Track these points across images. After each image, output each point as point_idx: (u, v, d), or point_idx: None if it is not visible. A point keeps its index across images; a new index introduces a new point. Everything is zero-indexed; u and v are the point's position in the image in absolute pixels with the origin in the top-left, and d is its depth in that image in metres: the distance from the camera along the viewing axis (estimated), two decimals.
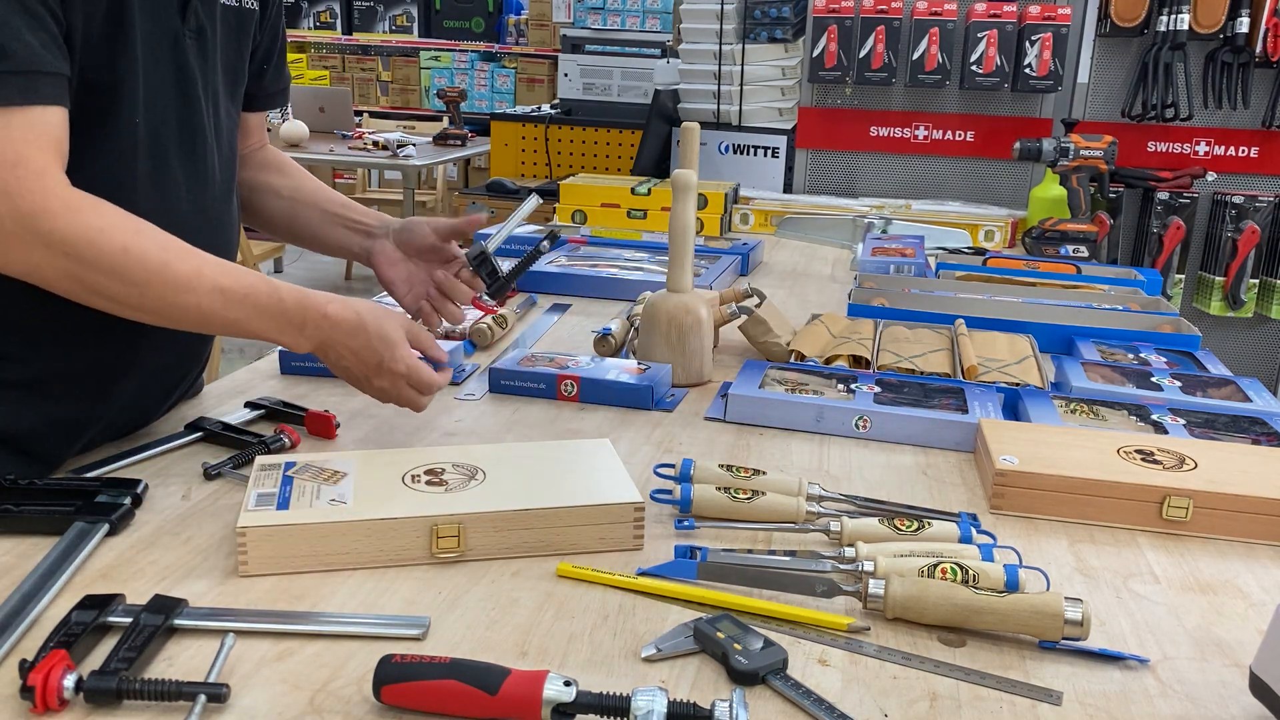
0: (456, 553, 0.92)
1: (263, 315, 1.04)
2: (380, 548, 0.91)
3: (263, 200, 1.40)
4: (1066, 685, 0.79)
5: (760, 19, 3.07)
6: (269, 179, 1.40)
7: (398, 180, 5.88)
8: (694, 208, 1.39)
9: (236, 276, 1.03)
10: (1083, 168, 2.44)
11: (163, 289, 0.98)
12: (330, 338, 1.08)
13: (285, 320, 1.05)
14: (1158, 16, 2.73)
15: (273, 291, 1.05)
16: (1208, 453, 1.14)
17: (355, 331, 1.08)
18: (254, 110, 1.36)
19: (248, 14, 1.23)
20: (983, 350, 1.52)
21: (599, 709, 0.70)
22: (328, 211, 1.39)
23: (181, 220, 1.14)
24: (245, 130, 1.36)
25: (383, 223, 1.38)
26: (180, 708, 0.71)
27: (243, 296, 1.03)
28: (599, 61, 5.30)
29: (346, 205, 1.40)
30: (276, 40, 1.33)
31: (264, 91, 1.35)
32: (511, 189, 4.60)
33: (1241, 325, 2.97)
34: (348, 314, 1.08)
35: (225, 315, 1.02)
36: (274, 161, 1.42)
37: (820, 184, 3.07)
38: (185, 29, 1.11)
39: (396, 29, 7.64)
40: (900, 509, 1.06)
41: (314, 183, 1.42)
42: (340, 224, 1.38)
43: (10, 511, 0.95)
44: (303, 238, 1.41)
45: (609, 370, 1.37)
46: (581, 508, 0.95)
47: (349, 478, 0.98)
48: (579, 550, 0.95)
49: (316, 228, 1.39)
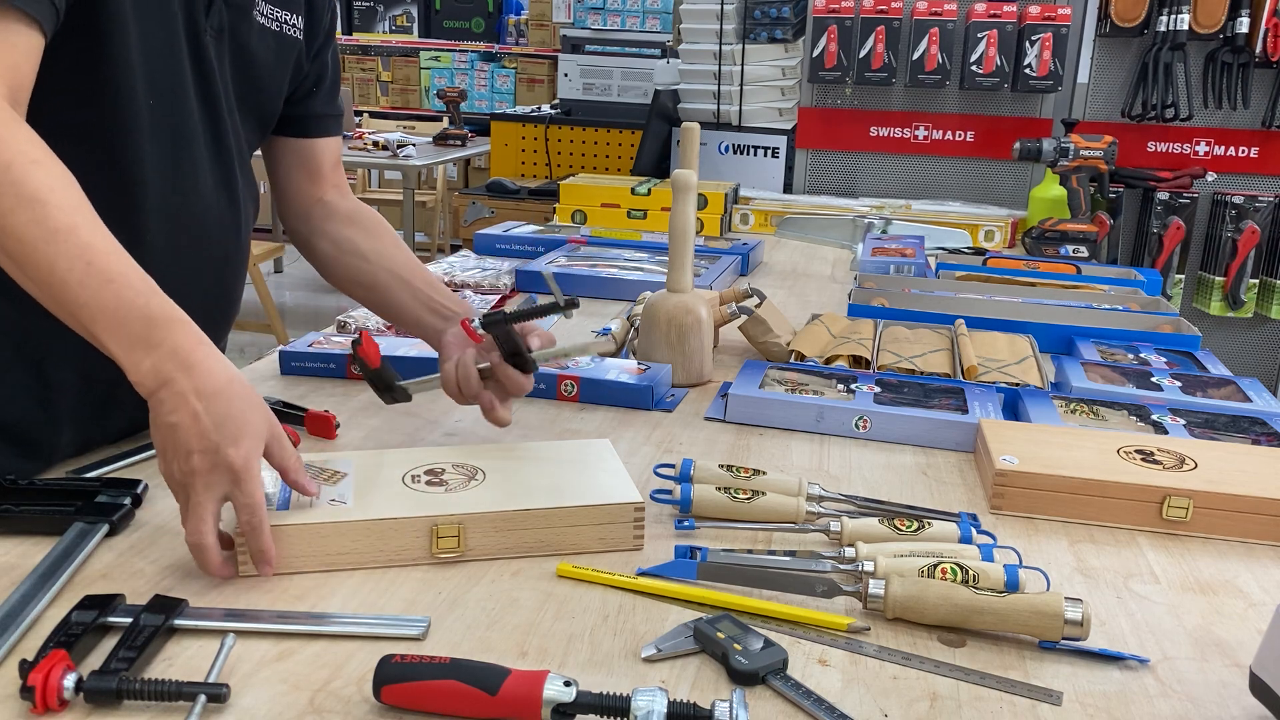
0: (457, 553, 0.92)
1: (117, 312, 0.86)
2: (380, 548, 0.91)
3: (345, 259, 1.31)
4: (1066, 685, 0.79)
5: (760, 19, 3.07)
6: (354, 236, 1.31)
7: (398, 180, 5.88)
8: (694, 208, 1.39)
9: (116, 258, 0.88)
10: (1083, 168, 2.44)
11: (24, 225, 0.84)
12: (176, 381, 0.85)
13: (140, 329, 0.86)
14: (1158, 16, 2.73)
15: (146, 293, 0.87)
16: (1208, 453, 1.14)
17: (213, 394, 0.85)
18: (311, 135, 1.33)
19: (289, 42, 1.22)
20: (983, 350, 1.52)
21: (599, 709, 0.70)
22: (415, 289, 1.27)
23: (203, 212, 1.15)
24: (318, 169, 1.34)
25: (461, 308, 1.24)
26: (180, 708, 0.71)
27: (108, 280, 0.86)
28: (599, 61, 5.31)
29: (431, 285, 1.28)
30: (326, 69, 1.32)
31: (314, 114, 1.32)
32: (511, 189, 4.60)
33: (1241, 325, 2.97)
34: (217, 370, 0.87)
35: (77, 293, 0.85)
36: (365, 220, 1.34)
37: (820, 184, 3.07)
38: (207, 24, 1.10)
39: (396, 29, 7.64)
40: (900, 509, 1.06)
41: (400, 251, 1.31)
42: (425, 306, 1.26)
43: (10, 511, 0.95)
44: (380, 306, 1.32)
45: (609, 370, 1.37)
46: (582, 508, 0.95)
47: (348, 478, 0.98)
48: (579, 550, 0.95)
49: (399, 304, 1.28)
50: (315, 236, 1.34)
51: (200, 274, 1.17)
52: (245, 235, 1.26)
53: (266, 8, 1.18)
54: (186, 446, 0.85)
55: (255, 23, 1.17)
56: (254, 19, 1.17)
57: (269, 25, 1.19)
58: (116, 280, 0.86)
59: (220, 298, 1.24)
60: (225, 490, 0.85)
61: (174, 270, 1.12)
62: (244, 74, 1.18)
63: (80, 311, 0.86)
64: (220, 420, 0.84)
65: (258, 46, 1.18)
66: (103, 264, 0.86)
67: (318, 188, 1.35)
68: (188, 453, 0.85)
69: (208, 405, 0.85)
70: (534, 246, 2.17)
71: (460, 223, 4.69)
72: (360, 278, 1.30)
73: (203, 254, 1.17)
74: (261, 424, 0.87)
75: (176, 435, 0.85)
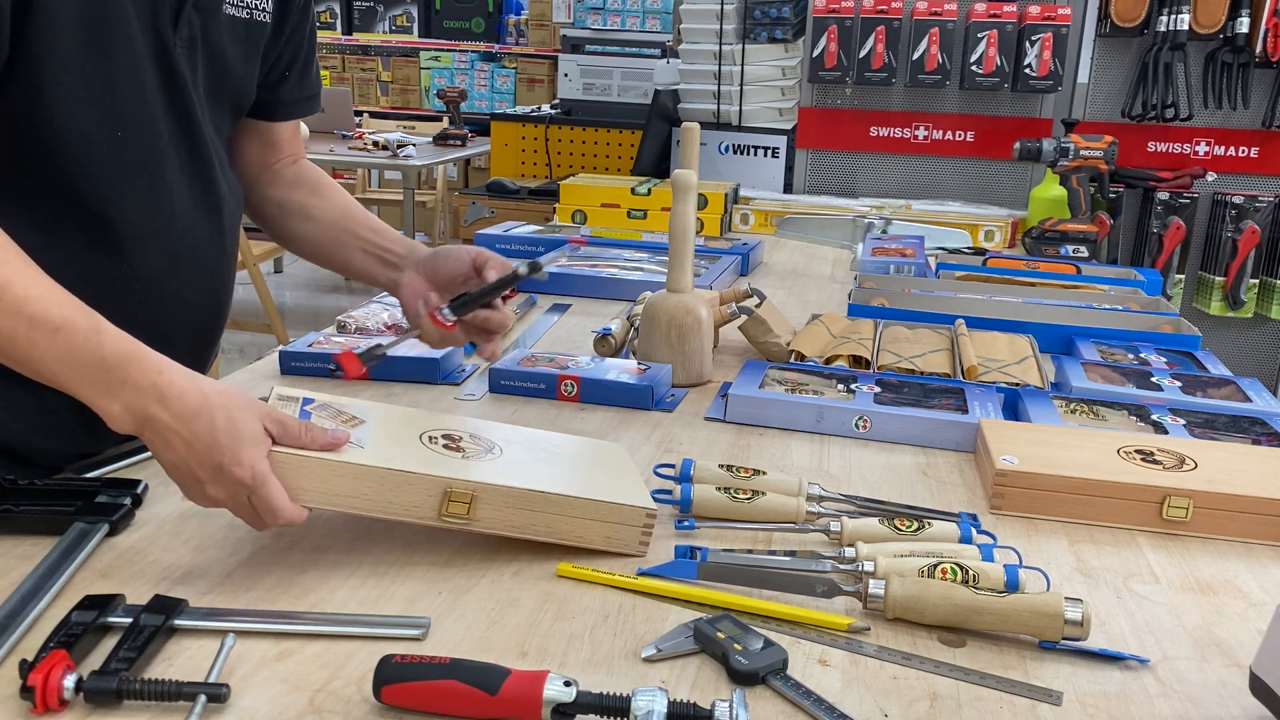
0: (464, 520, 0.91)
1: (71, 360, 0.84)
2: (390, 499, 0.89)
3: (294, 223, 1.32)
4: (1066, 685, 0.79)
5: (760, 19, 3.07)
6: (302, 199, 1.32)
7: (398, 180, 5.88)
8: (694, 208, 1.39)
9: (54, 304, 0.85)
10: (1083, 168, 2.44)
11: None
12: (154, 416, 0.84)
13: (98, 374, 0.84)
14: (1158, 16, 2.73)
15: (93, 333, 0.85)
16: (1208, 453, 1.14)
17: (193, 416, 0.83)
18: (278, 119, 1.31)
19: (258, 26, 1.19)
20: (983, 350, 1.52)
21: (599, 709, 0.70)
22: (357, 236, 1.28)
23: (184, 232, 1.13)
24: (274, 142, 1.33)
25: (409, 251, 1.25)
26: (180, 708, 0.71)
27: (53, 330, 0.83)
28: (599, 61, 5.31)
29: (376, 231, 1.29)
30: (300, 49, 1.29)
31: (283, 100, 1.30)
32: (511, 189, 4.60)
33: (1241, 325, 2.97)
34: (189, 390, 0.84)
35: (26, 350, 0.84)
36: (309, 179, 1.34)
37: (820, 184, 3.07)
38: (176, 38, 1.06)
39: (396, 29, 7.64)
40: (900, 509, 1.06)
41: (345, 206, 1.32)
42: (367, 251, 1.28)
43: (10, 511, 0.95)
44: (331, 263, 1.33)
45: (609, 370, 1.37)
46: (596, 502, 0.94)
47: (366, 425, 0.96)
48: (583, 544, 0.94)
49: (343, 254, 1.30)
50: (261, 202, 1.33)
51: (188, 291, 1.16)
52: (230, 242, 1.23)
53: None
54: (195, 477, 0.85)
55: (224, 16, 1.12)
56: (223, 14, 1.12)
57: (239, 15, 1.15)
58: (62, 328, 0.84)
59: (210, 309, 1.23)
60: (245, 492, 0.84)
61: (161, 293, 1.12)
62: (216, 72, 1.14)
63: (37, 366, 0.85)
64: (210, 441, 0.83)
65: (228, 41, 1.14)
66: (43, 315, 0.84)
67: (271, 158, 1.34)
68: (199, 483, 0.85)
69: (192, 428, 0.83)
70: (534, 247, 2.17)
71: (460, 223, 4.69)
72: (307, 238, 1.32)
73: (188, 272, 1.15)
74: (253, 422, 0.85)
75: (181, 472, 0.85)
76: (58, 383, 0.85)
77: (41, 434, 1.09)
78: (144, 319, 1.11)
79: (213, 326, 1.25)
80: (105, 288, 1.07)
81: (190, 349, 1.21)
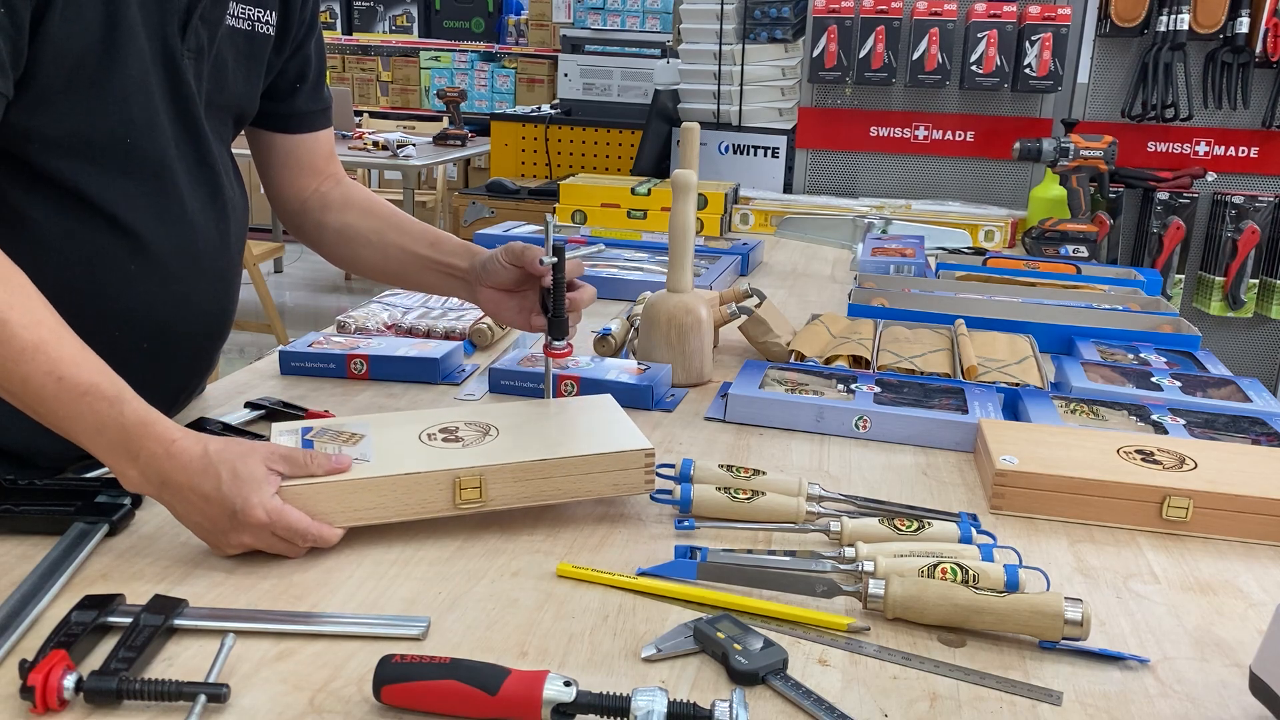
0: (479, 503, 0.96)
1: (95, 425, 0.88)
2: (405, 501, 0.94)
3: (354, 250, 1.34)
4: (1066, 685, 0.79)
5: (760, 19, 3.07)
6: (356, 223, 1.33)
7: (397, 180, 5.88)
8: (694, 208, 1.39)
9: (84, 369, 0.88)
10: (1083, 168, 2.44)
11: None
12: (172, 478, 0.88)
13: (119, 440, 0.88)
14: (1158, 16, 2.73)
15: (117, 399, 0.88)
16: (1208, 453, 1.14)
17: (202, 472, 0.87)
18: (293, 132, 1.32)
19: (261, 39, 1.20)
20: (983, 350, 1.52)
21: (599, 709, 0.70)
22: (424, 260, 1.29)
23: (193, 235, 1.14)
24: (312, 165, 1.34)
25: (470, 260, 1.25)
26: (180, 708, 0.71)
27: (80, 394, 0.87)
28: (599, 61, 5.30)
29: (434, 245, 1.29)
30: (309, 62, 1.30)
31: (297, 112, 1.31)
32: (511, 189, 4.60)
33: (1241, 325, 2.97)
34: (194, 451, 0.88)
35: (53, 406, 0.88)
36: (358, 201, 1.35)
37: (820, 184, 3.07)
38: (184, 48, 1.09)
39: (396, 29, 7.63)
40: (900, 509, 1.06)
41: (399, 224, 1.32)
42: (432, 269, 1.28)
43: (10, 511, 0.95)
44: (408, 286, 1.35)
45: (609, 370, 1.37)
46: (596, 455, 0.99)
47: (367, 438, 1.01)
48: (595, 496, 1.00)
49: (416, 278, 1.31)
50: (318, 230, 1.34)
51: (195, 297, 1.17)
52: (236, 248, 1.24)
53: (238, 7, 1.16)
54: (219, 529, 0.89)
55: (226, 27, 1.14)
56: (225, 25, 1.14)
57: (240, 26, 1.17)
58: (89, 393, 0.88)
59: (217, 315, 1.24)
60: (266, 531, 0.89)
61: (169, 302, 1.14)
62: (218, 82, 1.16)
63: (59, 423, 0.89)
64: (220, 494, 0.88)
65: (229, 52, 1.16)
66: (73, 378, 0.87)
67: (313, 181, 1.35)
68: (224, 533, 0.89)
69: (203, 487, 0.88)
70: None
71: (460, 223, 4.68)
72: (373, 263, 1.33)
73: (196, 279, 1.16)
74: (257, 467, 0.89)
75: (204, 529, 0.90)
76: (79, 442, 0.89)
77: (42, 435, 1.09)
78: (154, 319, 1.13)
79: (219, 328, 1.26)
80: (121, 288, 1.09)
81: (197, 349, 1.22)
